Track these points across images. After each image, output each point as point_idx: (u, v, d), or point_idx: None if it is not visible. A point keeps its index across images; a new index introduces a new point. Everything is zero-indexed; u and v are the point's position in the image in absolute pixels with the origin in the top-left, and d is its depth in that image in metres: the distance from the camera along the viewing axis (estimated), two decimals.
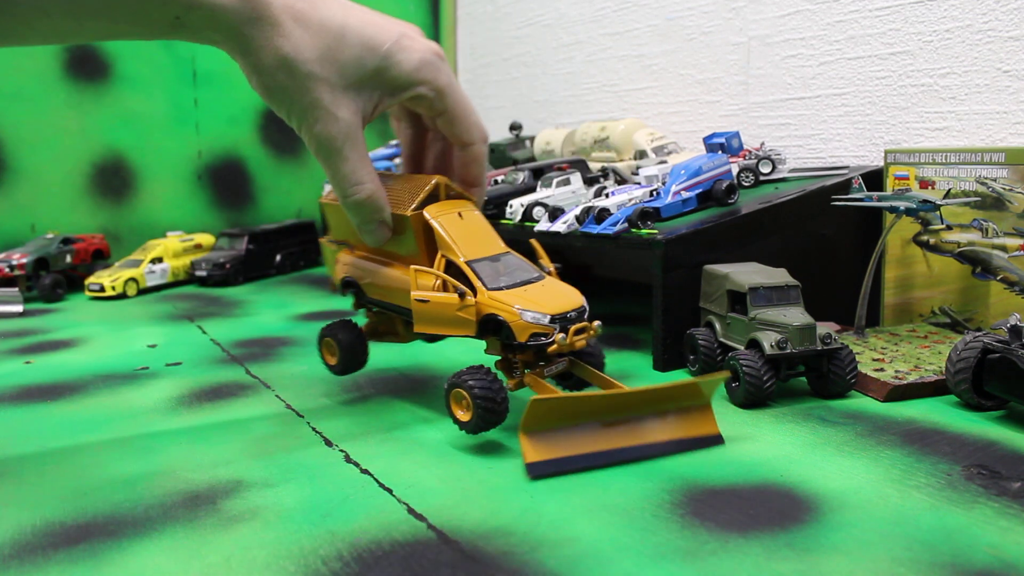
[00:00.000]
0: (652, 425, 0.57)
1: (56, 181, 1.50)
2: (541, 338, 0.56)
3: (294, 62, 0.54)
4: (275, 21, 0.54)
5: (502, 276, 0.59)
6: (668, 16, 1.28)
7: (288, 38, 0.54)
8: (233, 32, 0.53)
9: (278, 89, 0.55)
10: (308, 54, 0.55)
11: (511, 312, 0.56)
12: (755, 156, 0.96)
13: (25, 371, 0.85)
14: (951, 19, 0.91)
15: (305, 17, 0.55)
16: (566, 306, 0.58)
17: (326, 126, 0.56)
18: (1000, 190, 0.80)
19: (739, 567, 0.41)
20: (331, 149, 0.57)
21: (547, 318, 0.56)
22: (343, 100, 0.56)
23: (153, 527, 0.47)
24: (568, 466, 0.53)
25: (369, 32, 0.57)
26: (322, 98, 0.56)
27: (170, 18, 0.52)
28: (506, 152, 1.34)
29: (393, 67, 0.57)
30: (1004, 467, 0.53)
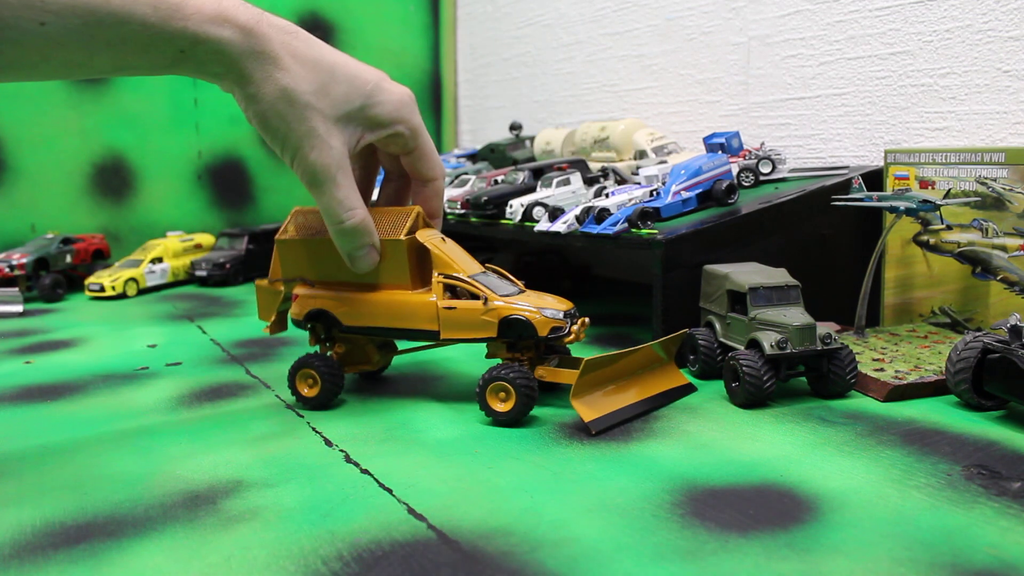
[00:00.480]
0: (645, 383, 0.68)
1: (56, 181, 1.50)
2: (559, 331, 0.64)
3: (294, 93, 0.58)
4: (275, 56, 0.58)
5: (500, 287, 0.67)
6: (668, 16, 1.28)
7: (288, 72, 0.58)
8: (235, 66, 0.57)
9: (276, 118, 0.59)
10: (306, 87, 0.59)
11: (532, 312, 0.64)
12: (755, 156, 0.96)
13: (25, 371, 0.85)
14: (951, 19, 0.91)
15: (301, 55, 0.59)
16: (565, 307, 0.66)
17: (321, 154, 0.60)
18: (1000, 190, 0.80)
19: (739, 567, 0.41)
20: (325, 176, 0.61)
21: (560, 314, 0.65)
22: (335, 131, 0.61)
23: (153, 527, 0.47)
24: (615, 419, 0.63)
25: (354, 72, 0.62)
26: (317, 127, 0.60)
27: (175, 52, 0.55)
28: (506, 152, 1.34)
29: (375, 106, 0.63)
30: (1004, 467, 0.53)
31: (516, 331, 0.64)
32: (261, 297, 0.74)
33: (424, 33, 1.85)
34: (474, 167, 1.34)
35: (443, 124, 1.89)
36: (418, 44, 1.85)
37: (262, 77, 0.58)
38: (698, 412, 0.66)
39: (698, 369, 0.75)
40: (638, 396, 0.67)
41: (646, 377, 0.69)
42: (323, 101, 0.60)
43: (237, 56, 0.56)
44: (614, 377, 0.66)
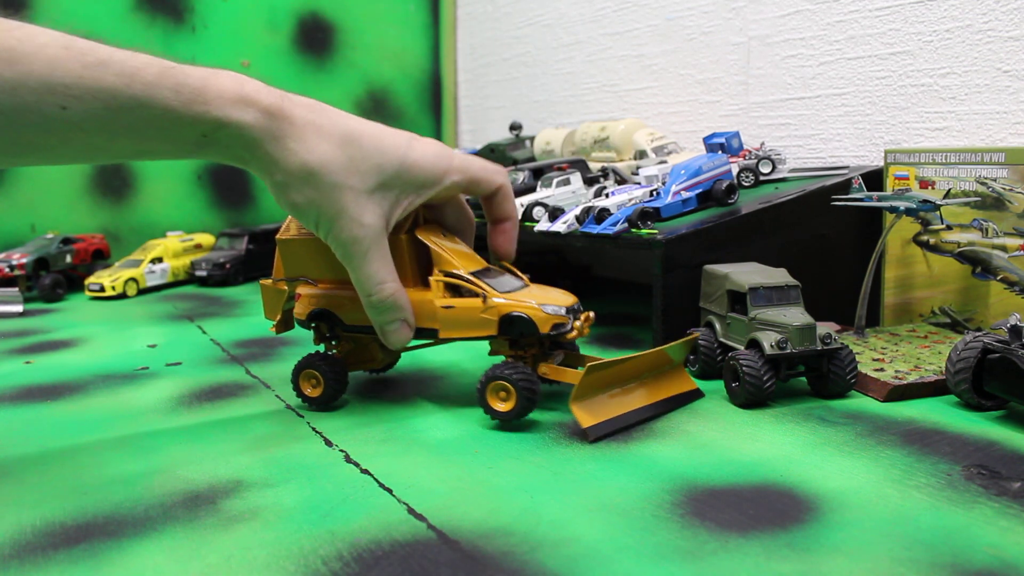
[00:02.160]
0: (652, 387, 0.66)
1: (56, 181, 1.50)
2: (561, 328, 0.63)
3: (319, 173, 0.57)
4: (299, 136, 0.57)
5: (502, 283, 0.65)
6: (668, 16, 1.28)
7: (313, 152, 0.57)
8: (260, 149, 0.56)
9: (305, 202, 0.58)
10: (333, 165, 0.58)
11: (533, 308, 0.63)
12: (755, 156, 0.96)
13: (25, 371, 0.85)
14: (951, 19, 0.91)
15: (326, 131, 0.58)
16: (568, 301, 0.65)
17: (352, 232, 0.59)
18: (1000, 190, 0.80)
19: (739, 567, 0.41)
20: (356, 253, 0.60)
21: (563, 310, 0.64)
22: (367, 206, 0.59)
23: (153, 527, 0.47)
24: (615, 426, 0.61)
25: (385, 139, 0.61)
26: (348, 207, 0.59)
27: (198, 136, 0.54)
28: (506, 152, 1.34)
29: (412, 168, 0.61)
30: (1004, 467, 0.53)
31: (517, 328, 0.63)
32: (266, 296, 0.74)
33: (424, 33, 1.85)
34: None
35: (443, 124, 1.89)
36: (418, 44, 1.85)
37: (287, 159, 0.57)
38: (698, 412, 0.66)
39: (698, 369, 0.75)
40: (642, 401, 0.65)
41: (653, 381, 0.66)
42: (353, 177, 0.59)
43: (260, 139, 0.56)
44: (618, 381, 0.64)
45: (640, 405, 0.64)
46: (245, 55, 1.65)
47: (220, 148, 0.56)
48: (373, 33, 1.79)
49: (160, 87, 0.52)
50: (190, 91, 0.53)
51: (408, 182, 0.61)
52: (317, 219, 0.59)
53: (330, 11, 1.73)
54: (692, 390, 0.69)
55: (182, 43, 1.58)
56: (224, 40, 1.62)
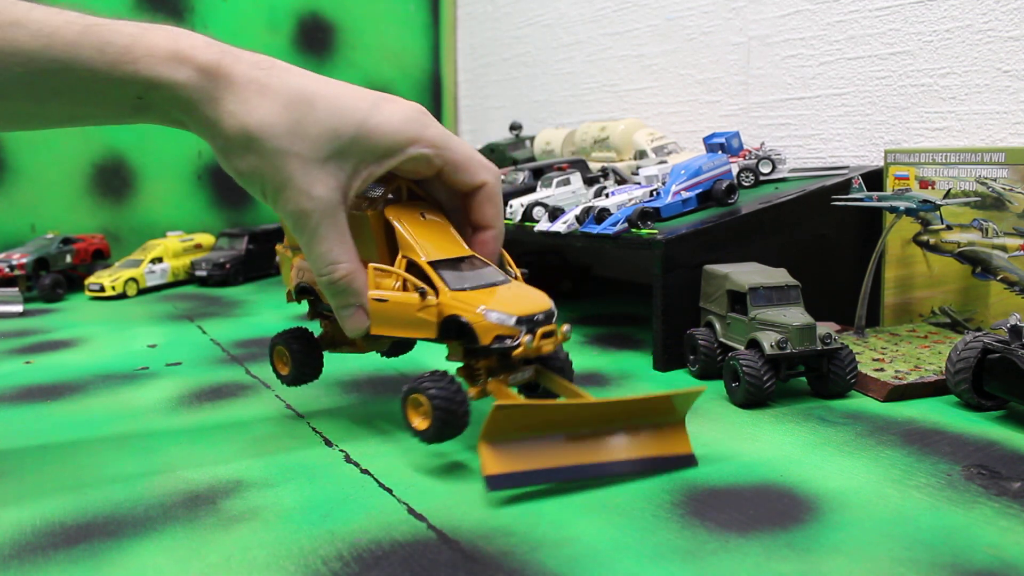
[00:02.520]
0: (620, 440, 0.53)
1: (56, 181, 1.50)
2: (506, 341, 0.52)
3: (260, 138, 0.51)
4: (240, 96, 0.51)
5: (466, 278, 0.56)
6: (668, 16, 1.28)
7: (253, 113, 0.51)
8: (197, 111, 0.51)
9: (249, 169, 0.52)
10: (276, 128, 0.51)
11: (474, 313, 0.52)
12: (755, 156, 0.96)
13: (25, 371, 0.85)
14: (951, 19, 0.91)
15: (271, 90, 0.52)
16: (533, 308, 0.54)
17: (300, 204, 0.53)
18: (1000, 190, 0.80)
19: (739, 567, 0.41)
20: (305, 228, 0.54)
21: (512, 319, 0.52)
22: (318, 175, 0.53)
23: (153, 527, 0.47)
24: (530, 481, 0.50)
25: (343, 101, 0.53)
26: (294, 176, 0.52)
27: (132, 98, 0.50)
28: (506, 152, 1.34)
29: (373, 132, 0.53)
30: (1004, 467, 0.53)
31: (456, 334, 0.54)
32: (282, 262, 0.71)
33: (424, 33, 1.85)
34: None
35: (443, 124, 1.89)
36: (418, 44, 1.85)
37: (225, 121, 0.51)
38: (698, 412, 0.66)
39: (698, 369, 0.75)
40: (596, 455, 0.52)
41: (632, 432, 0.53)
42: (300, 143, 0.52)
43: (197, 100, 0.50)
44: (567, 424, 0.52)
45: (588, 461, 0.51)
46: None
47: (157, 111, 0.51)
48: (373, 33, 1.79)
49: (82, 47, 0.48)
50: (116, 50, 0.48)
51: (367, 149, 0.54)
52: (263, 189, 0.53)
53: (330, 11, 1.73)
54: (683, 455, 0.54)
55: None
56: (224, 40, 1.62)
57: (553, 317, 0.55)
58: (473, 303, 0.53)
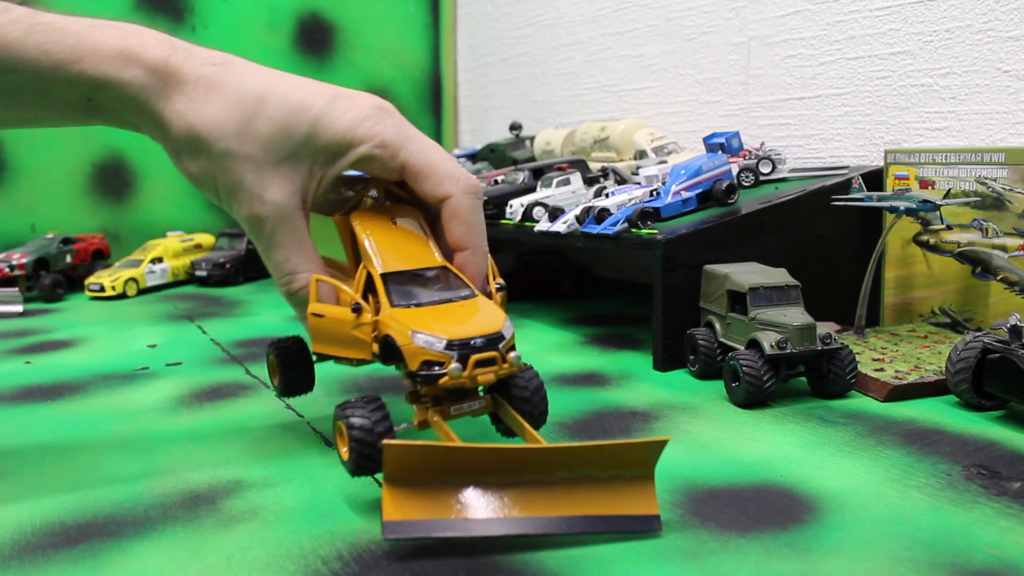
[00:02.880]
0: (567, 494, 0.44)
1: (56, 181, 1.50)
2: (435, 367, 0.46)
3: (208, 139, 0.48)
4: (189, 95, 0.48)
5: (418, 292, 0.50)
6: (668, 16, 1.28)
7: (200, 113, 0.48)
8: (146, 111, 0.49)
9: (200, 172, 0.50)
10: (224, 128, 0.48)
11: (404, 334, 0.46)
12: (755, 156, 0.96)
13: (25, 371, 0.85)
14: (951, 19, 0.91)
15: (222, 88, 0.49)
16: (472, 331, 0.46)
17: (252, 210, 0.50)
18: (1000, 190, 0.80)
19: (739, 567, 0.41)
20: (260, 235, 0.51)
21: (442, 343, 0.46)
22: (272, 179, 0.49)
23: (153, 527, 0.47)
24: (438, 532, 0.42)
25: (296, 97, 0.50)
26: (245, 179, 0.49)
27: (82, 100, 0.48)
28: (506, 152, 1.34)
29: (324, 130, 0.50)
30: (1004, 467, 0.53)
31: (392, 356, 0.48)
32: None
33: (424, 33, 1.85)
34: (474, 167, 1.35)
35: (443, 124, 1.89)
36: (418, 44, 1.85)
37: (173, 122, 0.48)
38: (698, 412, 0.66)
39: (698, 369, 0.75)
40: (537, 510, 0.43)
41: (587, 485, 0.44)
42: (251, 144, 0.49)
43: (145, 100, 0.48)
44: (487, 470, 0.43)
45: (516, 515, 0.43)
46: (245, 55, 1.64)
47: (108, 113, 0.49)
48: (373, 33, 1.79)
49: (27, 47, 0.45)
50: (62, 49, 0.46)
51: (320, 149, 0.50)
52: (216, 192, 0.51)
53: (330, 11, 1.73)
54: (646, 515, 0.45)
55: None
56: (224, 40, 1.62)
57: (499, 342, 0.47)
58: (408, 323, 0.47)
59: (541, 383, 0.52)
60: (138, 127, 0.51)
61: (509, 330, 0.48)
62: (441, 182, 0.52)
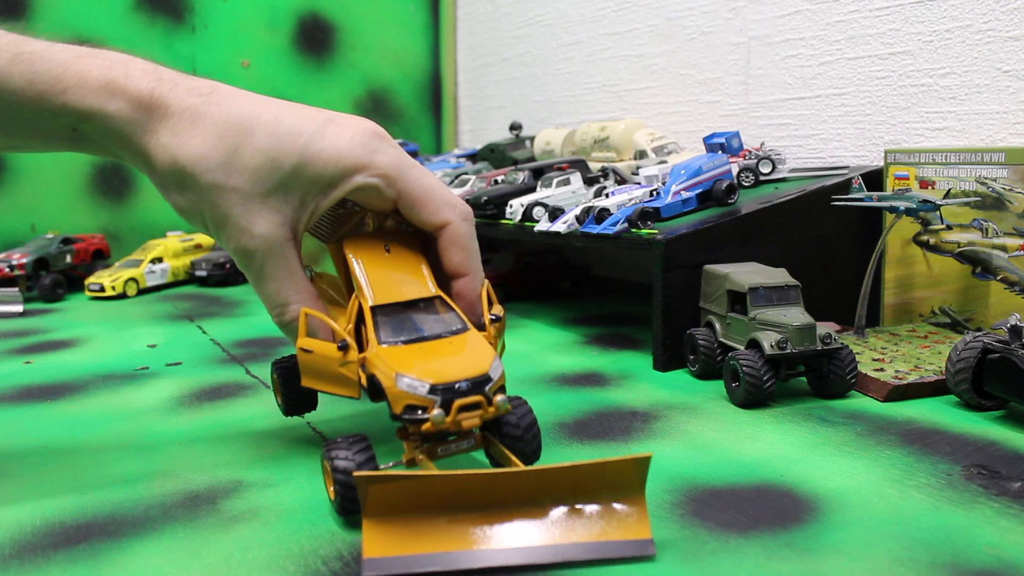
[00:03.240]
0: (553, 520, 0.42)
1: (56, 181, 1.50)
2: (417, 412, 0.44)
3: (193, 172, 0.47)
4: (174, 127, 0.47)
5: (407, 327, 0.49)
6: (668, 16, 1.28)
7: (185, 146, 0.47)
8: (132, 144, 0.48)
9: (188, 205, 0.49)
10: (209, 162, 0.47)
11: (389, 376, 0.45)
12: (755, 156, 0.96)
13: (25, 371, 0.85)
14: (951, 19, 0.91)
15: (207, 120, 0.48)
16: (456, 374, 0.45)
17: (240, 243, 0.49)
18: (1000, 190, 0.80)
19: (739, 567, 0.41)
20: (250, 268, 0.50)
21: (425, 387, 0.44)
22: (260, 212, 0.48)
23: (153, 527, 0.47)
24: (419, 568, 0.40)
25: (284, 127, 0.48)
26: (232, 213, 0.48)
27: (67, 130, 0.48)
28: (506, 152, 1.34)
29: (314, 159, 0.48)
30: (1004, 467, 0.53)
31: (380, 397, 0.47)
32: None
33: (424, 33, 1.85)
34: (474, 167, 1.35)
35: (443, 124, 1.89)
36: (418, 44, 1.85)
37: (158, 155, 0.48)
38: (698, 412, 0.66)
39: (698, 369, 0.75)
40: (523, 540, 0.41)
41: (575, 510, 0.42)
42: (238, 176, 0.47)
43: (130, 133, 0.47)
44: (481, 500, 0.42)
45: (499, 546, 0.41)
46: (245, 55, 1.65)
47: (94, 144, 0.49)
48: (373, 33, 1.79)
49: (11, 76, 0.45)
50: (46, 80, 0.45)
51: (310, 180, 0.48)
52: (205, 225, 0.50)
53: (330, 11, 1.73)
54: (639, 540, 0.42)
55: (182, 43, 1.58)
56: (224, 40, 1.62)
57: (485, 385, 0.45)
58: (393, 364, 0.45)
59: (534, 420, 0.50)
60: (123, 159, 0.50)
61: (497, 371, 0.46)
62: (439, 209, 0.51)
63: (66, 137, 0.48)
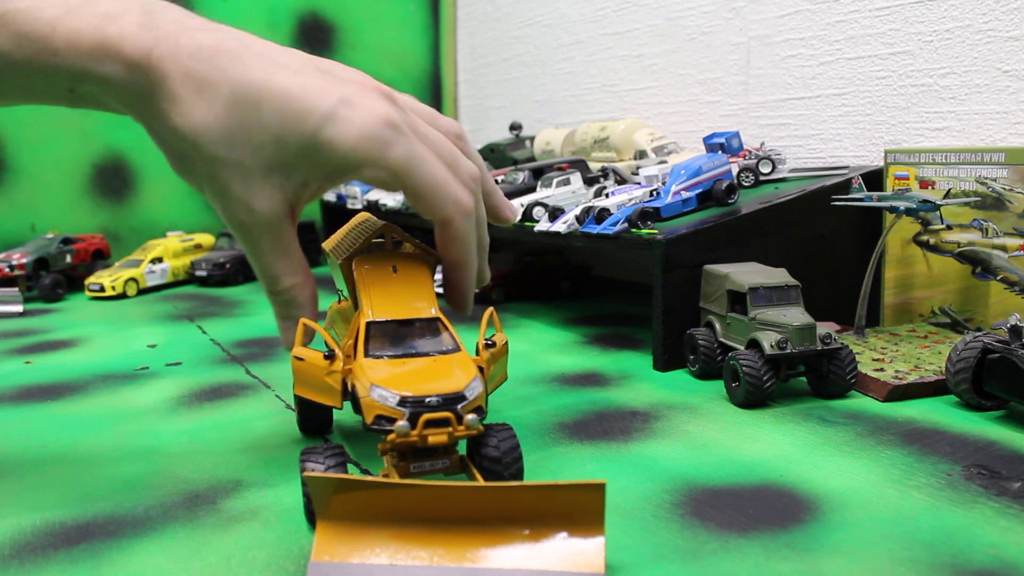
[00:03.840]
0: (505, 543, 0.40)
1: (56, 181, 1.50)
2: (385, 423, 0.44)
3: (195, 144, 0.46)
4: (172, 94, 0.45)
5: (396, 344, 0.49)
6: (668, 16, 1.28)
7: (187, 116, 0.45)
8: (131, 107, 0.46)
9: (185, 173, 0.49)
10: (211, 134, 0.45)
11: (365, 386, 0.45)
12: (755, 156, 0.96)
13: (25, 371, 0.85)
14: (951, 19, 0.91)
15: (210, 87, 0.45)
16: (429, 389, 0.44)
17: (238, 217, 0.48)
18: (1000, 190, 0.80)
19: (739, 567, 0.41)
20: (246, 241, 0.50)
21: (395, 399, 0.44)
22: (260, 187, 0.47)
23: (153, 527, 0.47)
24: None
25: (296, 104, 0.46)
26: (231, 186, 0.47)
27: (63, 91, 0.46)
28: (506, 152, 1.34)
29: (324, 147, 0.46)
30: (1004, 467, 0.53)
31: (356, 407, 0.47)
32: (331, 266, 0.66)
33: (424, 33, 1.85)
34: None
35: None
36: (418, 44, 1.85)
37: (158, 122, 0.46)
38: (698, 412, 0.66)
39: (698, 369, 0.75)
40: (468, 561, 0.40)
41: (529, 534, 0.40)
42: (241, 150, 0.46)
43: (127, 95, 0.45)
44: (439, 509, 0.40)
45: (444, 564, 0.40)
46: None
47: (94, 102, 0.47)
48: (373, 33, 1.79)
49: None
50: (35, 40, 0.43)
51: (318, 163, 0.47)
52: (204, 194, 0.49)
53: (330, 11, 1.73)
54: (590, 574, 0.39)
55: None
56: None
57: (457, 403, 0.44)
58: (371, 375, 0.45)
59: (515, 446, 0.48)
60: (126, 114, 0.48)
61: (473, 391, 0.45)
62: (443, 205, 0.50)
63: (62, 97, 0.46)
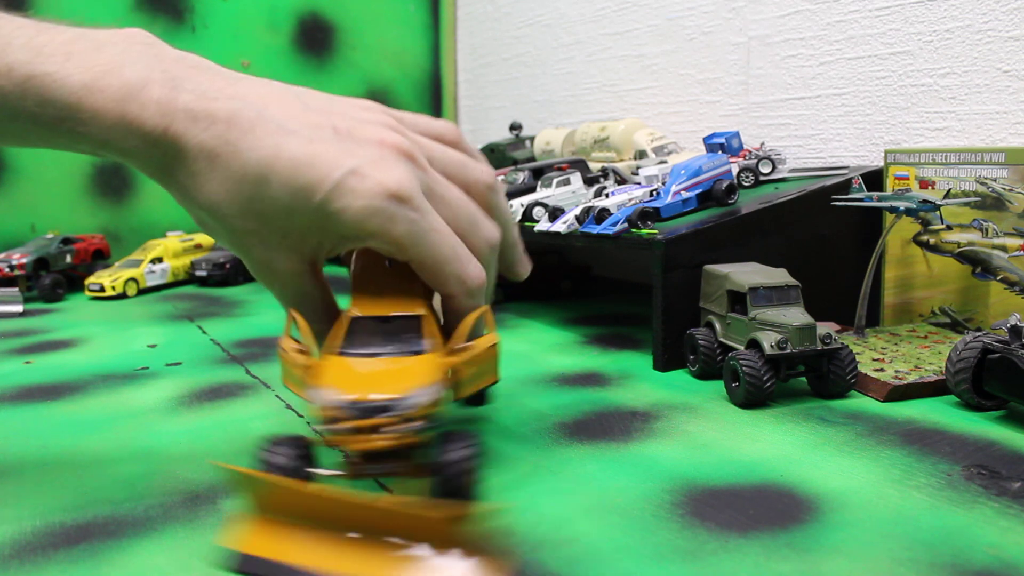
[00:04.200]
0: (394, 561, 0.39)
1: (56, 181, 1.50)
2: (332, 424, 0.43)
3: (211, 215, 0.48)
4: (188, 169, 0.47)
5: (367, 341, 0.48)
6: (668, 16, 1.28)
7: (202, 191, 0.47)
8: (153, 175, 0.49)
9: (209, 232, 0.51)
10: (226, 207, 0.47)
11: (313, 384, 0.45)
12: (755, 156, 0.96)
13: (25, 371, 0.85)
14: (951, 19, 0.91)
15: (223, 164, 0.46)
16: (369, 392, 0.42)
17: (263, 277, 0.51)
18: (1000, 190, 0.80)
19: (739, 567, 0.41)
20: (272, 292, 0.52)
21: (343, 400, 0.42)
22: (278, 250, 0.49)
23: (153, 527, 0.47)
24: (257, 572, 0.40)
25: (303, 176, 0.46)
26: (252, 251, 0.49)
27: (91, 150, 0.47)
28: (506, 152, 1.34)
29: (331, 218, 0.47)
30: (1004, 467, 0.53)
31: None
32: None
33: (424, 33, 1.85)
34: None
35: None
36: (418, 44, 1.85)
37: (178, 192, 0.49)
38: (698, 412, 0.66)
39: (698, 369, 0.75)
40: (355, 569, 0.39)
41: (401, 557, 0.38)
42: (254, 221, 0.47)
43: (148, 167, 0.48)
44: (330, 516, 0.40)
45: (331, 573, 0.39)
46: (245, 55, 1.65)
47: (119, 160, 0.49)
48: (373, 33, 1.79)
49: (26, 99, 0.44)
50: (59, 109, 0.44)
51: (328, 231, 0.48)
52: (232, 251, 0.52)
53: (330, 11, 1.73)
54: None
55: (182, 43, 1.58)
56: (224, 40, 1.62)
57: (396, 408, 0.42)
58: (322, 372, 0.45)
59: (467, 455, 0.44)
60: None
61: (419, 398, 0.43)
62: (446, 282, 0.50)
63: (87, 154, 0.49)
